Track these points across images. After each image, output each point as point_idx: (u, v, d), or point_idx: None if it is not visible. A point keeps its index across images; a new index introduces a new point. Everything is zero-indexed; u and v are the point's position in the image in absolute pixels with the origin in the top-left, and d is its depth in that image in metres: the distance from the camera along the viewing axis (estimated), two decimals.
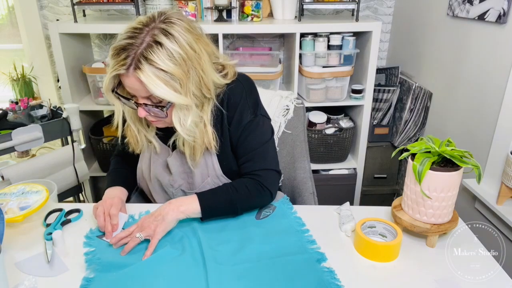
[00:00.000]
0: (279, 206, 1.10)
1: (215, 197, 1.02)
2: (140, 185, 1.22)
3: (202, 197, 1.00)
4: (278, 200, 1.12)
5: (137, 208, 1.10)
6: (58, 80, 2.05)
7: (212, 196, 1.02)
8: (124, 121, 1.07)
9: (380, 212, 1.07)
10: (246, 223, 1.02)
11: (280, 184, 1.25)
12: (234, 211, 1.03)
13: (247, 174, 1.07)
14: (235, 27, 1.92)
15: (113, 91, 0.95)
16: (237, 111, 1.04)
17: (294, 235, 0.97)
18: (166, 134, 1.08)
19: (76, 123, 1.68)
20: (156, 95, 0.87)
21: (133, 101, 0.94)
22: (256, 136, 1.07)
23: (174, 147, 1.08)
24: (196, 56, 0.91)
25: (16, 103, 1.66)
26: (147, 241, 0.94)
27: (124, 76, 0.89)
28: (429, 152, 0.91)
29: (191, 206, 0.98)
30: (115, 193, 1.08)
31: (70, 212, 1.07)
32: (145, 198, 1.32)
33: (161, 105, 0.93)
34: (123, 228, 1.00)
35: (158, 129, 1.08)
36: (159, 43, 0.86)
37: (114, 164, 1.23)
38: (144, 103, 0.93)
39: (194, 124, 0.97)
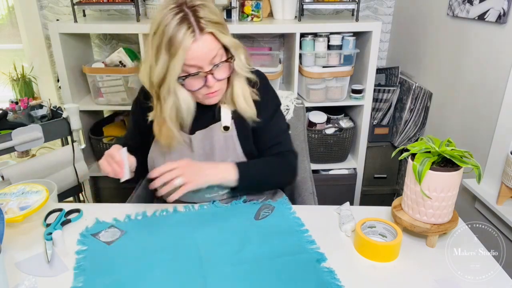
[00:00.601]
0: (278, 206, 1.10)
1: (253, 172, 1.09)
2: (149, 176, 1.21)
3: (240, 171, 1.06)
4: (277, 200, 1.12)
5: (137, 208, 1.09)
6: (58, 80, 2.05)
7: (249, 171, 1.08)
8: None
9: (380, 212, 1.07)
10: (245, 224, 1.02)
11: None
12: (265, 185, 1.13)
13: (274, 155, 1.14)
14: (235, 27, 1.92)
15: (178, 78, 0.99)
16: (264, 99, 1.12)
17: (293, 235, 0.97)
18: (205, 111, 1.11)
19: (76, 123, 1.69)
20: (225, 42, 0.98)
21: (202, 74, 0.99)
22: (282, 122, 1.19)
23: (193, 130, 1.11)
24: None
25: (16, 103, 1.66)
26: (138, 245, 0.93)
27: (194, 44, 0.93)
28: (429, 152, 0.91)
29: (229, 174, 1.05)
30: (118, 147, 1.08)
31: (70, 212, 1.07)
32: (146, 198, 1.32)
33: (227, 58, 1.01)
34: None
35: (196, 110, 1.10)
36: (199, 5, 0.95)
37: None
38: (214, 65, 0.98)
39: (245, 65, 1.07)
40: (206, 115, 1.12)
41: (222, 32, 0.98)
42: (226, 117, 1.11)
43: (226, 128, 1.11)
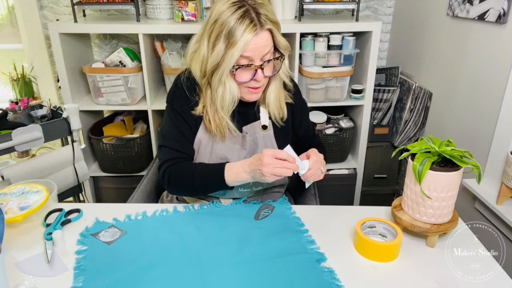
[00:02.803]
0: (277, 206, 1.10)
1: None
2: None
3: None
4: (277, 200, 1.12)
5: (137, 208, 1.09)
6: (58, 80, 2.05)
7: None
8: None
9: (380, 212, 1.07)
10: (245, 224, 1.02)
11: (283, 184, 1.26)
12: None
13: (316, 145, 1.19)
14: None
15: (232, 68, 1.02)
16: (299, 96, 1.23)
17: (293, 235, 0.97)
18: (247, 108, 1.15)
19: (76, 123, 1.68)
20: (280, 42, 1.04)
21: (254, 67, 1.02)
22: (309, 118, 1.34)
23: (247, 121, 1.16)
24: None
25: (16, 103, 1.66)
26: (138, 245, 0.94)
27: (254, 37, 0.98)
28: (429, 152, 0.91)
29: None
30: (235, 164, 1.06)
31: (70, 212, 1.07)
32: (147, 198, 1.32)
33: (277, 56, 1.06)
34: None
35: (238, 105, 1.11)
36: (260, 4, 1.00)
37: (184, 170, 1.10)
38: (266, 61, 1.02)
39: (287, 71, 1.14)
40: (247, 113, 1.16)
41: (278, 31, 1.04)
42: (264, 116, 1.16)
43: (264, 127, 1.16)
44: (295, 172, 0.99)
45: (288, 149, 1.00)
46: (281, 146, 1.13)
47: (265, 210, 1.08)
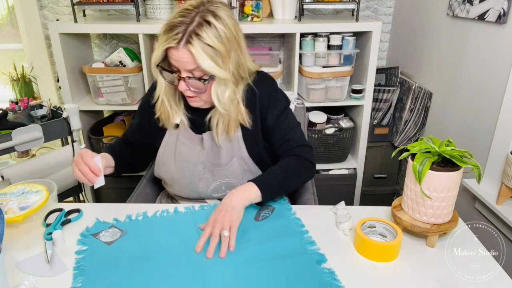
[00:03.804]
0: (277, 207, 1.10)
1: (269, 179, 1.08)
2: (159, 172, 1.23)
3: (257, 181, 1.05)
4: (277, 201, 1.12)
5: (138, 208, 1.09)
6: (58, 80, 2.05)
7: (266, 178, 1.08)
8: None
9: (380, 212, 1.07)
10: (244, 225, 1.01)
11: None
12: (287, 188, 1.13)
13: (284, 153, 1.15)
14: None
15: (157, 65, 1.03)
16: (271, 99, 1.15)
17: (293, 236, 0.97)
18: (198, 115, 1.15)
19: (76, 123, 1.69)
20: (203, 67, 0.97)
21: (176, 75, 1.02)
22: (291, 120, 1.19)
23: (203, 130, 1.15)
24: (237, 38, 1.03)
25: (16, 103, 1.66)
26: (138, 246, 0.94)
27: (174, 50, 0.98)
28: (429, 152, 0.91)
29: (252, 191, 1.03)
30: (101, 154, 1.11)
31: (70, 212, 1.07)
32: (147, 198, 1.32)
33: (203, 78, 1.02)
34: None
35: (188, 111, 1.16)
36: (208, 22, 0.97)
37: (113, 143, 1.30)
38: (187, 76, 1.01)
39: (230, 100, 1.07)
40: (200, 121, 1.15)
41: (209, 56, 0.97)
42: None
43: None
44: (94, 184, 1.02)
45: (98, 160, 1.03)
46: (250, 147, 1.15)
47: (265, 211, 1.08)
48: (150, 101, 1.17)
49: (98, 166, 1.02)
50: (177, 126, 1.16)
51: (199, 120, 1.15)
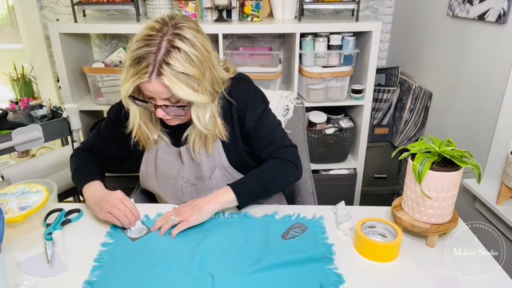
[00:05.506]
0: (311, 227, 1.01)
1: (247, 183, 1.06)
2: (145, 186, 1.22)
3: (235, 186, 1.04)
4: (312, 219, 1.06)
5: (138, 208, 1.09)
6: (58, 80, 2.05)
7: (243, 183, 1.06)
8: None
9: (380, 212, 1.07)
10: (269, 240, 0.96)
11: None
12: (267, 192, 1.09)
13: (268, 157, 1.12)
14: (235, 27, 1.92)
15: (129, 96, 0.97)
16: (249, 103, 1.09)
17: (315, 262, 0.90)
18: (174, 130, 1.10)
19: (76, 123, 1.68)
20: (180, 97, 0.91)
21: (151, 104, 0.97)
22: (270, 123, 1.13)
23: (181, 142, 1.11)
24: (208, 56, 0.96)
25: (16, 103, 1.66)
26: (159, 247, 0.94)
27: (146, 83, 0.91)
28: (429, 152, 0.91)
29: (227, 196, 1.02)
30: (102, 188, 1.09)
31: (70, 212, 1.07)
32: (147, 198, 1.32)
33: (181, 104, 0.97)
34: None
35: (165, 126, 1.10)
36: (177, 48, 0.89)
37: (81, 159, 1.19)
38: (164, 105, 0.96)
39: (211, 119, 1.03)
40: (178, 134, 1.11)
41: (184, 83, 0.91)
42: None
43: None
44: (126, 228, 1.00)
45: (133, 201, 1.05)
46: (230, 156, 1.11)
47: (296, 229, 1.00)
48: (123, 115, 1.09)
49: (135, 206, 1.04)
50: (156, 141, 1.12)
51: (177, 135, 1.10)
